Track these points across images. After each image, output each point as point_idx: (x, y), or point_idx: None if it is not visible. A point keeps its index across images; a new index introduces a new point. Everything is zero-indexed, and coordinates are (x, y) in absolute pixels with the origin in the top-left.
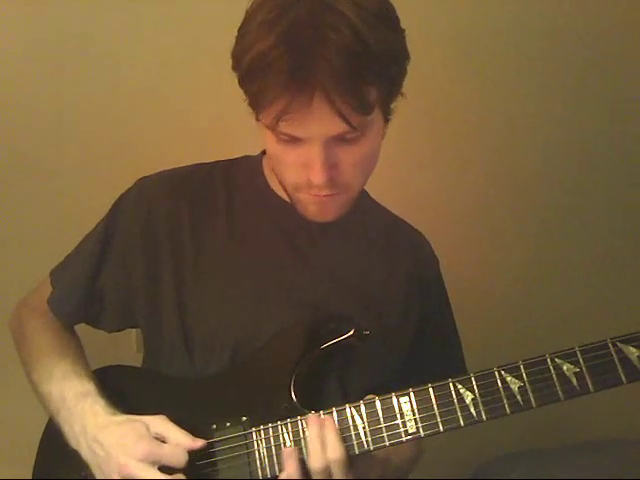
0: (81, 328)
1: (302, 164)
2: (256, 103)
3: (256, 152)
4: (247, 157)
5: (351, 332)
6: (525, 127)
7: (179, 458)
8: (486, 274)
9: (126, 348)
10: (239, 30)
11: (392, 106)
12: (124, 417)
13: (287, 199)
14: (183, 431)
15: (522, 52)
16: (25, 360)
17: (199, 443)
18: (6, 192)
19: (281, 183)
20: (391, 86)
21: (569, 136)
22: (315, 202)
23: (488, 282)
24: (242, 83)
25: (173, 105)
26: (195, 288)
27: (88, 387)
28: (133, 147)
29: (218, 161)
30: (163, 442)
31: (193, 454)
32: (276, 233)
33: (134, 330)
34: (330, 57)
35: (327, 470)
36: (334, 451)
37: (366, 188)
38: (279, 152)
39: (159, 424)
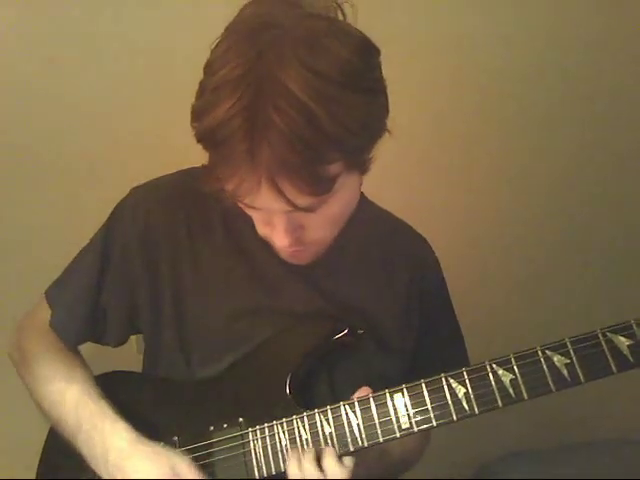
0: None
1: (266, 223)
2: (210, 171)
3: None
4: None
5: (345, 331)
6: (526, 132)
7: None
8: (484, 276)
9: (125, 349)
10: (204, 71)
11: (370, 157)
12: (150, 448)
13: None
14: None
15: (526, 58)
16: (31, 387)
17: None
18: (6, 193)
19: None
20: (360, 153)
21: (571, 142)
22: (286, 253)
23: (486, 283)
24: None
25: (174, 106)
26: (192, 299)
27: (103, 407)
28: (134, 147)
29: None
30: None
31: (191, 455)
32: (268, 245)
33: None
34: (273, 144)
35: None
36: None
37: (367, 190)
38: (243, 206)
39: (185, 469)
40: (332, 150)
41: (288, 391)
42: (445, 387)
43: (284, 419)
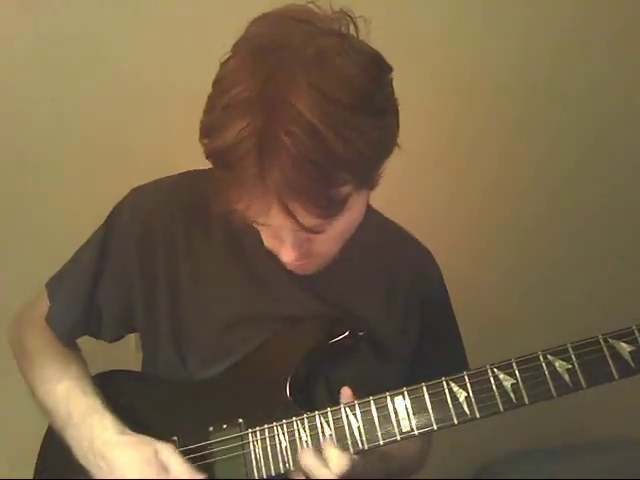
0: None
1: (274, 237)
2: (218, 190)
3: None
4: None
5: (346, 333)
6: (524, 135)
7: None
8: (483, 276)
9: (125, 348)
10: (213, 87)
11: (379, 173)
12: (134, 437)
13: None
14: (187, 464)
15: (526, 60)
16: (28, 376)
17: (199, 477)
18: (6, 193)
19: None
20: (370, 173)
21: (570, 143)
22: (292, 266)
23: (485, 284)
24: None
25: (174, 106)
26: (189, 301)
27: (94, 402)
28: (133, 148)
29: (212, 169)
30: None
31: (190, 455)
32: (267, 250)
33: None
34: (284, 168)
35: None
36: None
37: (372, 200)
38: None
39: (166, 453)
40: (343, 173)
41: (288, 392)
42: (446, 391)
43: (284, 420)
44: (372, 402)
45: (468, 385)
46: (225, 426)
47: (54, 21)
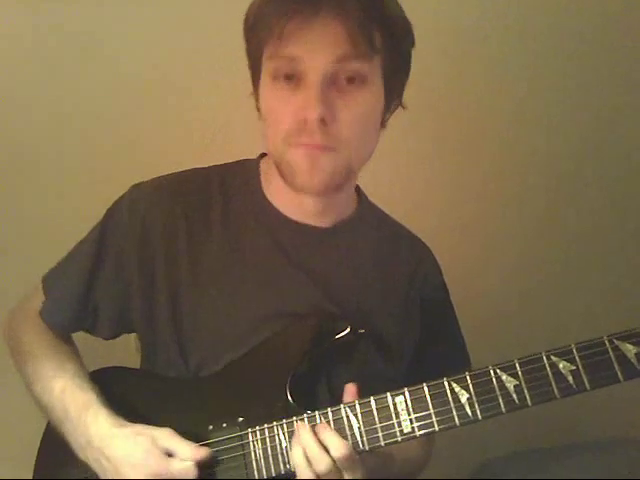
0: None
1: (298, 108)
2: (261, 40)
3: (255, 157)
4: (244, 162)
5: (347, 330)
6: (526, 128)
7: (189, 473)
8: (485, 274)
9: (125, 347)
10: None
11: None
12: (129, 429)
13: (281, 208)
14: (189, 443)
15: (526, 51)
16: (23, 372)
17: (203, 452)
18: (6, 193)
19: (272, 152)
20: (394, 53)
21: (571, 138)
22: (307, 155)
23: (487, 282)
24: (248, 45)
25: (174, 106)
26: (189, 299)
27: (89, 397)
28: (133, 147)
29: (214, 166)
30: (170, 456)
31: None
32: (270, 244)
33: None
34: None
35: (334, 470)
36: (340, 448)
37: (366, 189)
38: (276, 103)
39: (166, 438)
40: (380, 15)
41: (288, 391)
42: (448, 391)
43: (284, 420)
44: (373, 402)
45: (470, 386)
46: (225, 425)
47: (54, 21)
